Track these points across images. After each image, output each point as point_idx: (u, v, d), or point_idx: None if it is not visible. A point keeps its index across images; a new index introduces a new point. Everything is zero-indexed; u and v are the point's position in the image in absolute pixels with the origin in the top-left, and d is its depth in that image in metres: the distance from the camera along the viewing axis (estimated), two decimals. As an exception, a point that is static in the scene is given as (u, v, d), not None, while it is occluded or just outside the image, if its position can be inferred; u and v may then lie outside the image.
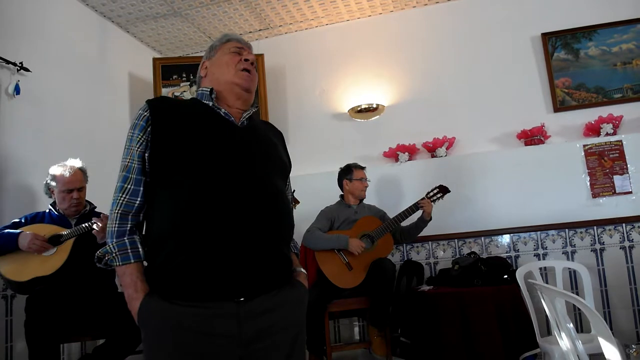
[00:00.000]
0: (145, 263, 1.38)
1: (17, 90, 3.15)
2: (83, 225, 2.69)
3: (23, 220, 2.77)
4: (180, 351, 1.26)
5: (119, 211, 1.37)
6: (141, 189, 1.38)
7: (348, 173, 3.64)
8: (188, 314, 1.26)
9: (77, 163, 2.88)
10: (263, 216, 1.35)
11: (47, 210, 2.86)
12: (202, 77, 1.57)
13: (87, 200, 2.93)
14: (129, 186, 1.37)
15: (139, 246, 1.37)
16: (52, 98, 3.51)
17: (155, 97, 1.50)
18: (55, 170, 2.82)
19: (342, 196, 3.71)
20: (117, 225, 1.36)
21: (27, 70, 3.23)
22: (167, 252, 1.30)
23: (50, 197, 2.88)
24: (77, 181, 2.82)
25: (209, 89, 1.48)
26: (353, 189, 3.62)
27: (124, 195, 1.37)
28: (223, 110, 1.46)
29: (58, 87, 3.58)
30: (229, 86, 1.49)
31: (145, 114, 1.39)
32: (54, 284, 2.60)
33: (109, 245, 1.36)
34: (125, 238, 1.36)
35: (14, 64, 3.16)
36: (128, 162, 1.38)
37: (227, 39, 1.57)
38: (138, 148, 1.37)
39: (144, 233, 1.43)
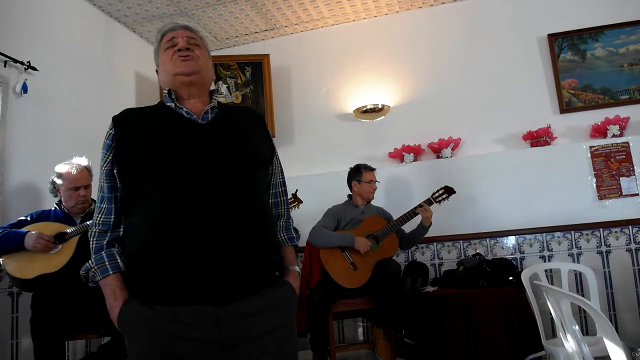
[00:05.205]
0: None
1: (24, 89, 3.17)
2: (87, 222, 2.70)
3: (29, 218, 2.79)
4: (160, 355, 1.24)
5: (96, 230, 1.41)
6: (113, 206, 1.40)
7: (357, 174, 3.63)
8: (167, 318, 1.25)
9: (82, 161, 2.91)
10: (232, 217, 1.31)
11: (53, 209, 2.88)
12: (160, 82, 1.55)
13: (92, 199, 2.94)
14: (103, 205, 1.41)
15: (118, 257, 1.38)
16: (58, 97, 3.53)
17: (121, 111, 1.48)
18: (61, 168, 2.83)
19: (350, 196, 3.70)
20: (94, 242, 1.41)
21: (34, 69, 3.24)
22: (142, 261, 1.31)
23: (56, 195, 2.89)
24: (84, 179, 2.84)
25: (167, 91, 1.46)
26: (362, 191, 3.61)
27: (99, 216, 1.41)
28: (185, 109, 1.43)
29: (65, 86, 3.60)
30: (174, 80, 1.45)
31: (111, 131, 1.41)
32: (60, 282, 2.61)
33: (89, 262, 1.39)
34: (102, 252, 1.38)
35: (22, 63, 3.18)
36: (102, 182, 1.42)
37: (161, 35, 1.52)
38: (105, 166, 1.40)
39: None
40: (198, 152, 1.35)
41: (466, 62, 4.27)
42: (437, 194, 3.53)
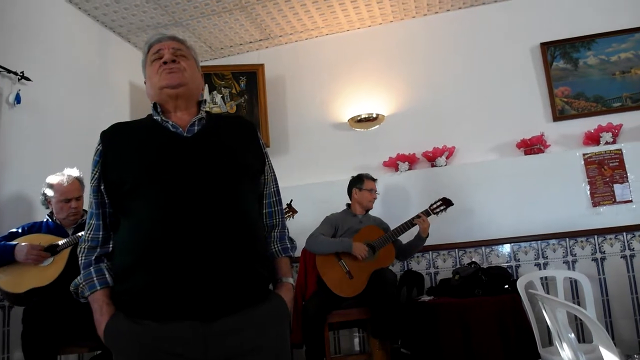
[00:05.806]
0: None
1: (17, 99, 3.15)
2: (79, 234, 2.68)
3: (20, 231, 2.76)
4: None
5: (85, 246, 1.41)
6: (101, 222, 1.40)
7: (359, 182, 3.65)
8: (153, 334, 1.24)
9: (74, 172, 2.88)
10: (217, 232, 1.28)
11: (45, 220, 2.85)
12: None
13: (84, 210, 2.92)
14: (92, 222, 1.41)
15: (106, 273, 1.38)
16: (52, 107, 3.51)
17: (109, 126, 1.47)
18: (52, 179, 2.81)
19: (349, 205, 3.70)
20: (83, 258, 1.41)
21: (28, 79, 3.23)
22: (130, 276, 1.30)
23: (47, 207, 2.86)
24: (75, 190, 2.81)
25: (152, 104, 1.45)
26: (361, 199, 3.62)
27: (89, 232, 1.41)
28: (171, 122, 1.41)
29: (59, 97, 3.58)
30: (160, 94, 1.44)
31: (99, 147, 1.40)
32: (51, 295, 2.58)
33: (78, 278, 1.39)
34: (91, 268, 1.38)
35: (15, 73, 3.17)
36: (91, 198, 1.41)
37: (148, 46, 1.51)
38: (93, 183, 1.40)
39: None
40: (182, 166, 1.33)
41: (460, 71, 4.29)
42: (435, 206, 3.53)
